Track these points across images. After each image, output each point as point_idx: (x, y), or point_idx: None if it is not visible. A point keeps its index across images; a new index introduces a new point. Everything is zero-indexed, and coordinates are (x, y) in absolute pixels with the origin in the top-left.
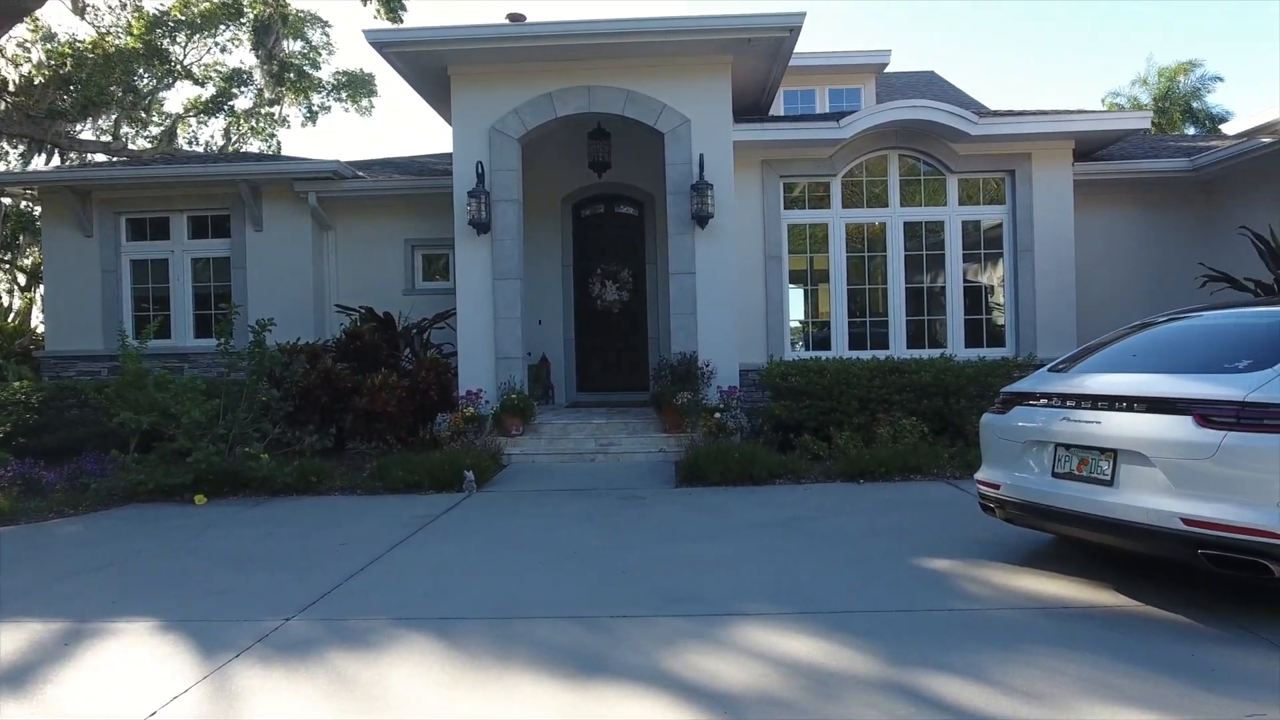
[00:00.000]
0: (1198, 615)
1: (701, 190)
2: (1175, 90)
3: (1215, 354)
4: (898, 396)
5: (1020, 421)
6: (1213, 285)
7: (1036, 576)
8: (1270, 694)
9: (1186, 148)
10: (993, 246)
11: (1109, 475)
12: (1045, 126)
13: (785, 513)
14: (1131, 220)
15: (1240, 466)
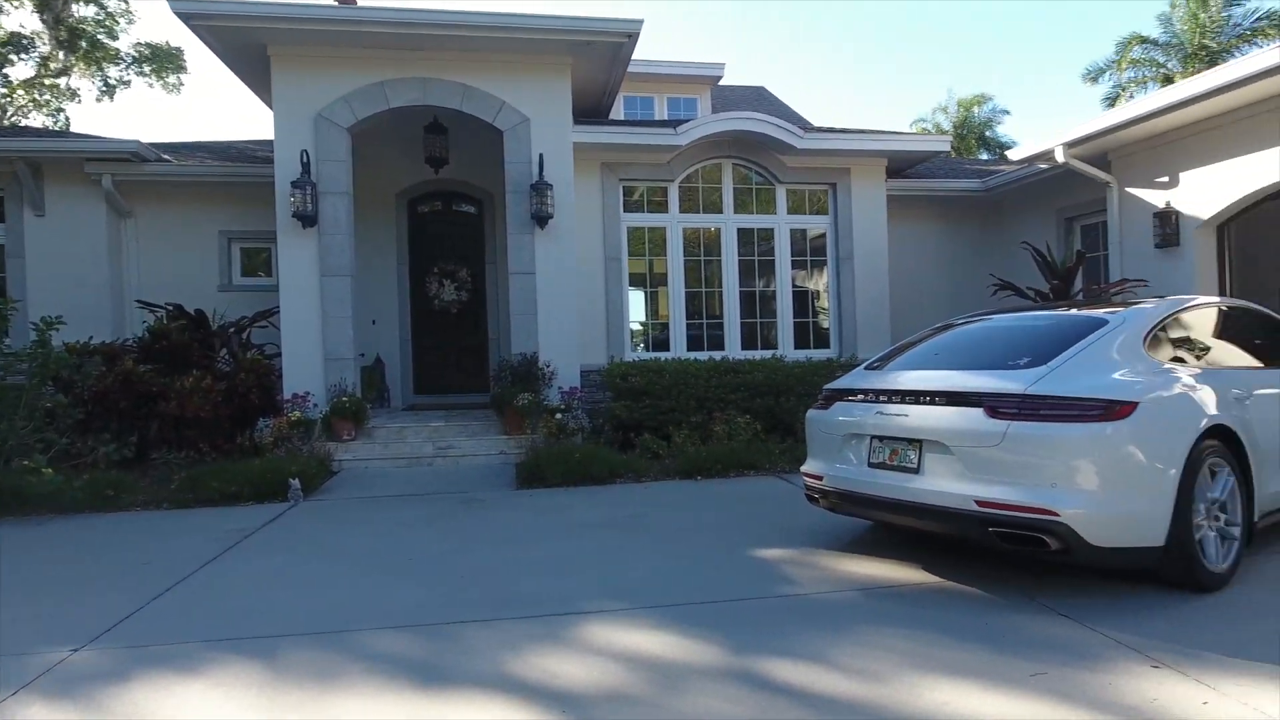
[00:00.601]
0: (992, 588)
1: (541, 190)
2: (972, 119)
3: (1003, 352)
4: (733, 396)
5: (840, 416)
6: (1002, 292)
7: (858, 560)
8: (1050, 654)
9: (979, 170)
10: (818, 254)
11: (916, 464)
12: (863, 144)
13: (626, 511)
14: (934, 233)
15: (1022, 452)
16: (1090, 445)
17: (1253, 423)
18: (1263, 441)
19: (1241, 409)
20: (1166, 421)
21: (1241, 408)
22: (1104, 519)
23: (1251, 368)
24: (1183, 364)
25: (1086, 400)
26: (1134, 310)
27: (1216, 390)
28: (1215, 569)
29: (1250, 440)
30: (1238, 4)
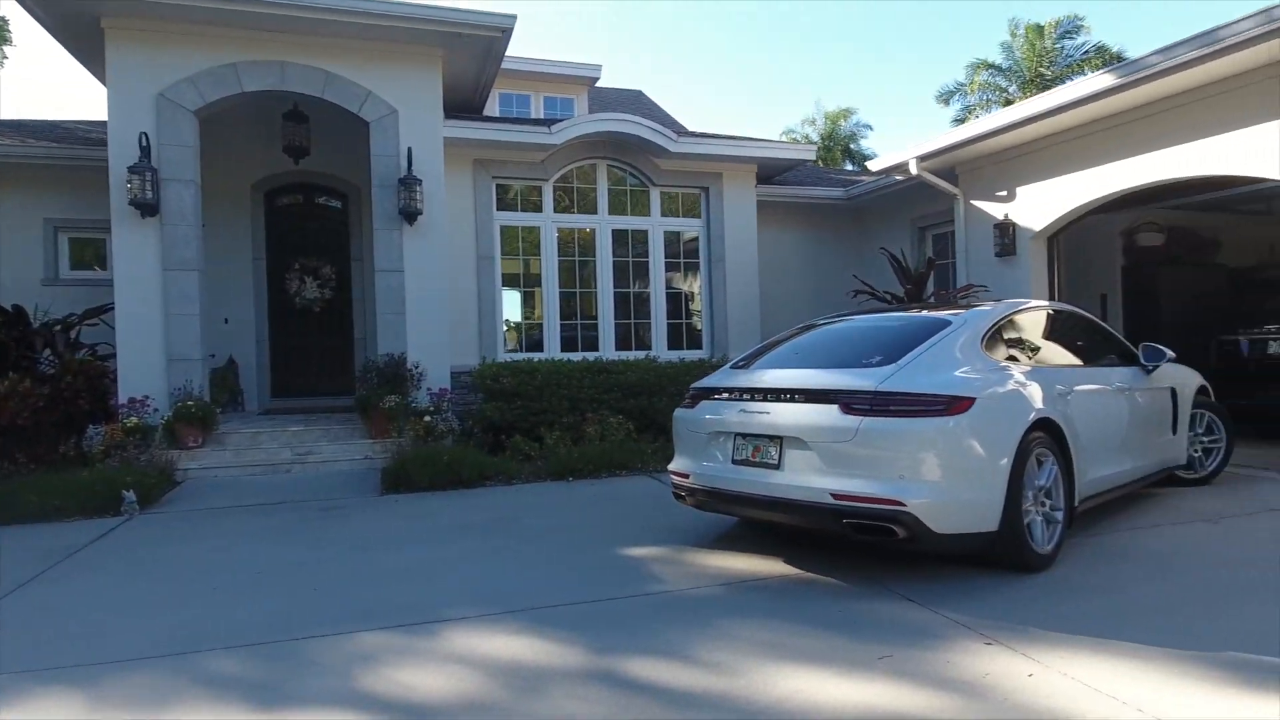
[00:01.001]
0: (849, 577)
1: (410, 185)
2: (838, 132)
3: (858, 351)
4: (606, 396)
5: (706, 415)
6: (861, 295)
7: (724, 556)
8: (897, 637)
9: (843, 180)
10: (691, 256)
11: (776, 460)
12: (734, 150)
13: (494, 514)
14: (801, 238)
15: (873, 446)
16: (934, 438)
17: (1074, 416)
18: (1082, 433)
19: (1064, 404)
20: (1000, 415)
21: (1064, 402)
22: (945, 507)
23: (1073, 365)
24: (1015, 362)
25: (930, 396)
26: (974, 312)
27: (1043, 386)
28: (1041, 551)
29: (1072, 432)
30: (1069, 38)
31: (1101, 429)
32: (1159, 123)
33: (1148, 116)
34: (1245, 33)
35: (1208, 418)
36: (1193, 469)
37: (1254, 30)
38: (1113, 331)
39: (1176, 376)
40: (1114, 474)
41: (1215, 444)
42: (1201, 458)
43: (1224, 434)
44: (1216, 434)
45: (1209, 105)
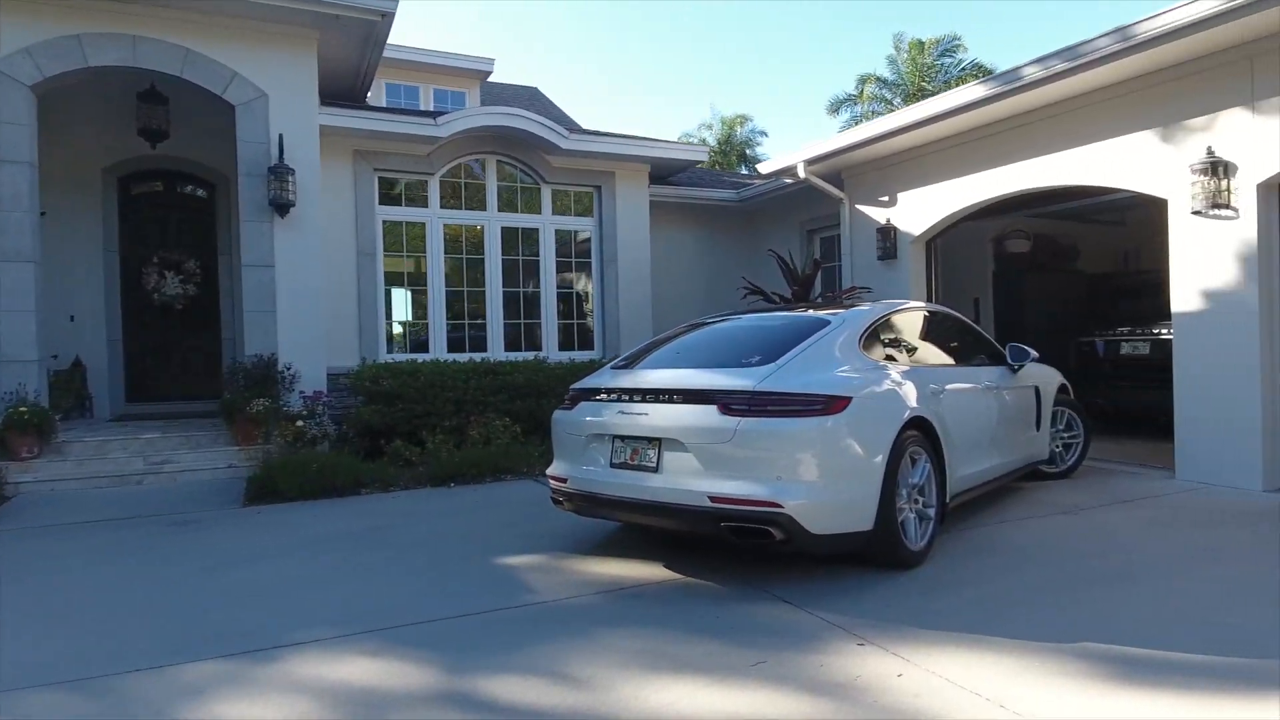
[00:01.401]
0: (729, 581)
1: (281, 174)
2: (734, 138)
3: (739, 351)
4: (493, 398)
5: (585, 416)
6: (751, 296)
7: (604, 562)
8: (773, 641)
9: (736, 183)
10: (583, 256)
11: (655, 462)
12: (627, 149)
13: (366, 523)
14: (694, 239)
15: (751, 447)
16: (811, 438)
17: (946, 414)
18: (954, 431)
19: (937, 402)
20: (876, 415)
21: (937, 401)
22: (822, 508)
23: (947, 365)
24: (892, 361)
25: (808, 396)
26: (852, 312)
27: (918, 385)
28: (914, 548)
29: (944, 430)
30: (949, 55)
31: (972, 427)
32: (1028, 134)
33: (1018, 127)
34: (1104, 49)
35: (1068, 415)
36: (1054, 464)
37: (1112, 46)
38: (982, 332)
39: (1040, 376)
40: (984, 470)
41: (1075, 440)
42: (1062, 453)
43: (1082, 430)
44: (1076, 430)
45: (1074, 118)
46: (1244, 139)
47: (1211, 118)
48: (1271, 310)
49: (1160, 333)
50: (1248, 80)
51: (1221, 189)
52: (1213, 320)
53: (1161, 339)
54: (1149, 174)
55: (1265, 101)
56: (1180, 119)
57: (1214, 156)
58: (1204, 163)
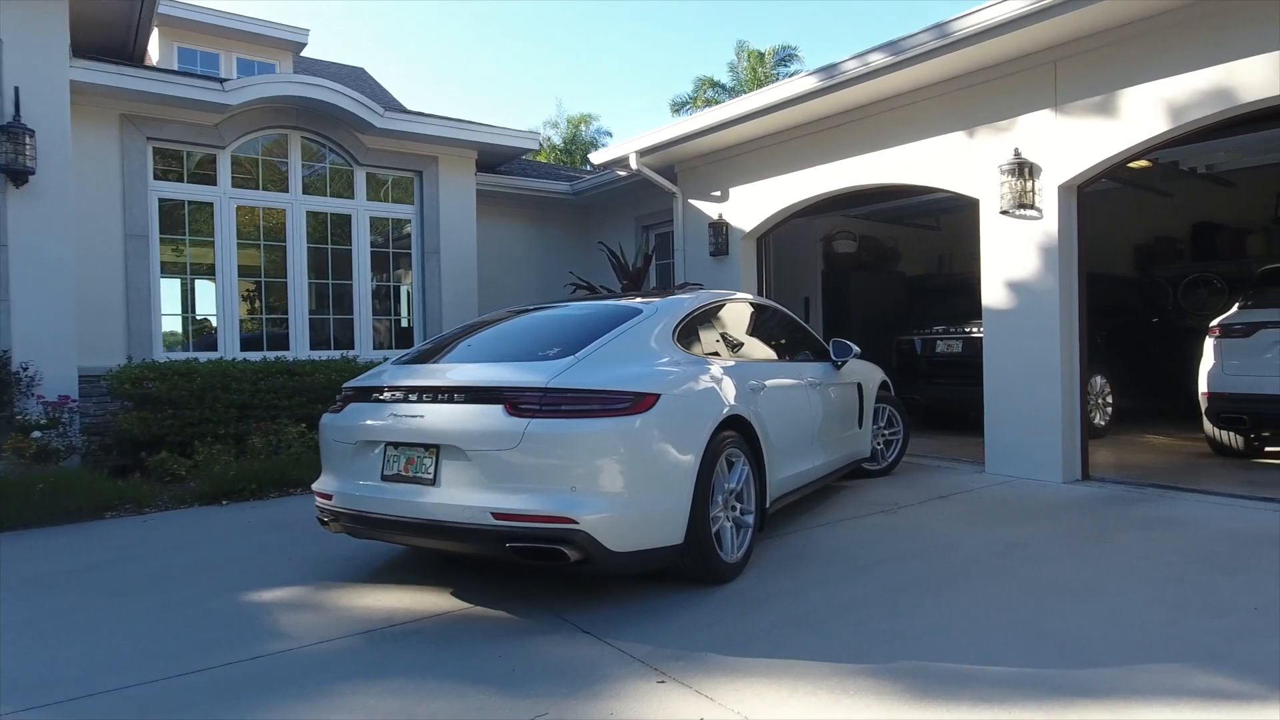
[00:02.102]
0: (524, 609)
1: (17, 135)
2: (580, 137)
3: (537, 343)
4: (288, 402)
5: (355, 420)
6: (581, 291)
7: (381, 591)
8: (561, 684)
9: (570, 175)
10: (403, 246)
11: (432, 474)
12: (451, 132)
13: (90, 558)
14: (527, 232)
15: (541, 454)
16: (612, 442)
17: (767, 412)
18: (775, 431)
19: (757, 400)
20: (689, 413)
21: (757, 398)
22: (625, 521)
23: (769, 360)
24: (709, 355)
25: (610, 393)
26: (668, 301)
27: (737, 381)
28: (730, 560)
29: (764, 430)
30: (785, 65)
31: (794, 425)
32: (855, 131)
33: (845, 124)
34: (923, 45)
35: (888, 411)
36: (876, 461)
37: (930, 43)
38: (806, 327)
39: (863, 372)
40: (806, 470)
41: (895, 436)
42: (883, 450)
43: (902, 426)
44: (896, 427)
45: (897, 117)
46: (1048, 141)
47: (1019, 120)
48: (1070, 309)
49: (971, 331)
50: (1051, 84)
51: (1027, 190)
52: (1019, 318)
53: (972, 337)
54: (964, 174)
55: (1067, 105)
56: (992, 120)
57: (1020, 158)
58: (1011, 164)
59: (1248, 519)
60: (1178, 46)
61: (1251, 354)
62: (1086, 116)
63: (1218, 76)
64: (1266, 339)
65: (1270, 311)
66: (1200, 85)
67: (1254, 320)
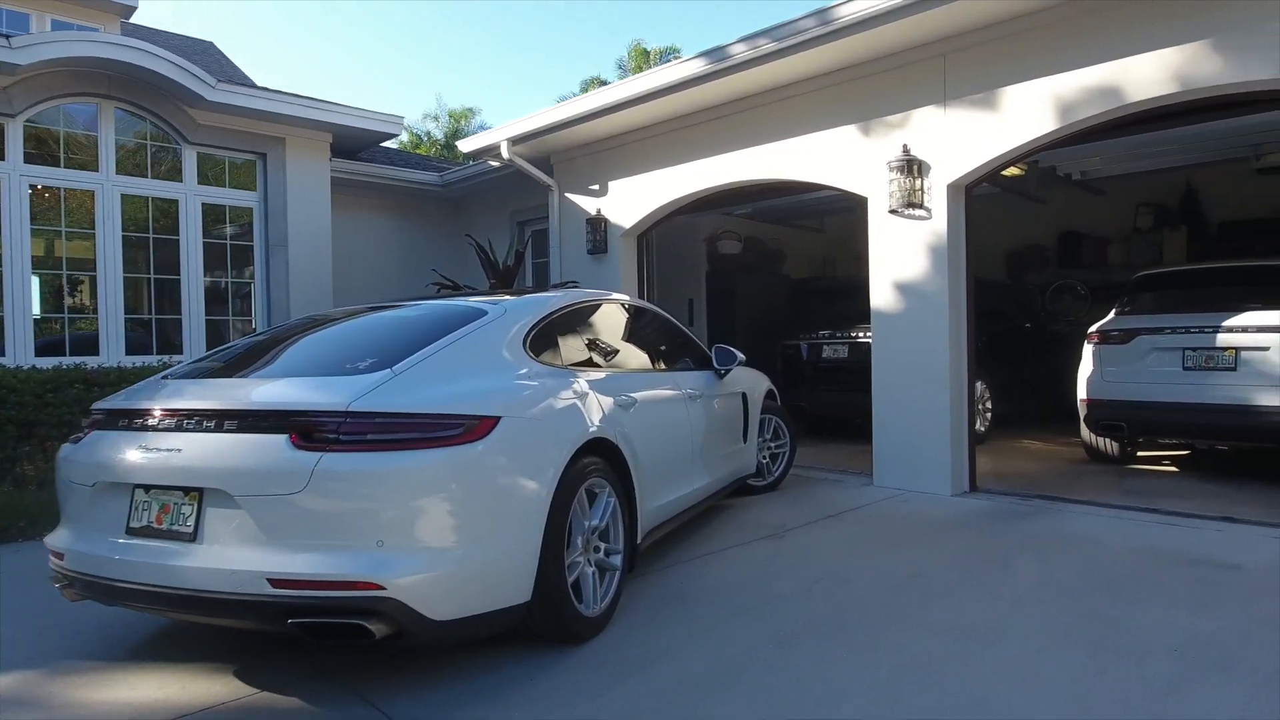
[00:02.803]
0: (319, 692)
1: None
2: (463, 131)
3: (353, 351)
4: None
5: (97, 454)
6: (446, 291)
7: (142, 675)
8: None
9: (441, 166)
10: (243, 238)
11: (192, 527)
12: (301, 110)
13: None
14: (394, 226)
15: (338, 499)
16: (435, 480)
17: (639, 432)
18: (648, 453)
19: (628, 417)
20: (540, 438)
21: (627, 416)
22: (452, 582)
23: (644, 370)
24: (571, 366)
25: (433, 416)
26: (522, 301)
27: (603, 397)
28: (592, 613)
29: (635, 453)
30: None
31: (672, 445)
32: (741, 123)
33: (732, 115)
34: (807, 31)
35: (775, 422)
36: (762, 476)
37: (814, 29)
38: (687, 332)
39: (748, 381)
40: (685, 495)
41: (781, 449)
42: (769, 464)
43: (789, 438)
44: (782, 439)
45: (786, 109)
46: (937, 138)
47: (908, 115)
48: (959, 312)
49: (857, 336)
50: (940, 79)
51: (916, 188)
52: (907, 322)
53: (859, 342)
54: (853, 171)
55: (955, 101)
56: (882, 115)
57: (909, 155)
58: (900, 161)
59: (1138, 534)
60: (1068, 43)
61: (1130, 361)
62: (975, 113)
63: (1108, 74)
64: (1144, 345)
65: (1147, 318)
66: (1090, 83)
67: (1132, 327)
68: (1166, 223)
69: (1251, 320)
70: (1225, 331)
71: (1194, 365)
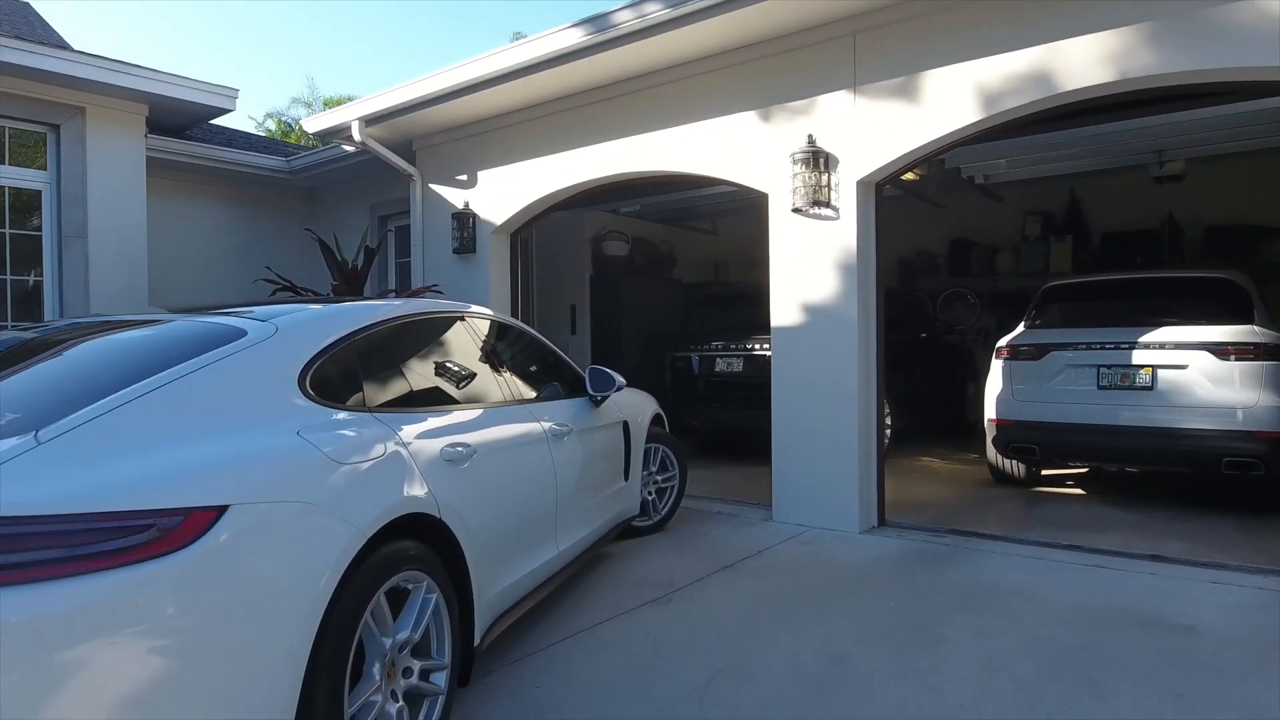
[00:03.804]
0: None
1: None
2: None
3: (7, 399)
4: None
5: None
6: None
7: None
8: None
9: (291, 150)
10: (26, 226)
11: None
12: (104, 75)
13: None
14: (236, 218)
15: None
16: (92, 625)
17: (479, 493)
18: (492, 519)
19: (460, 476)
20: (301, 530)
21: (461, 474)
22: None
23: (497, 405)
24: (376, 409)
25: (94, 517)
26: (303, 317)
27: (425, 450)
28: None
29: (471, 523)
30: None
31: (527, 502)
32: (630, 106)
33: (617, 98)
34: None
35: (662, 452)
36: (647, 515)
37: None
38: (558, 351)
39: (630, 407)
40: (548, 562)
41: (669, 482)
42: (655, 500)
43: (678, 469)
44: (671, 471)
45: (680, 91)
46: (847, 129)
47: (815, 101)
48: (869, 325)
49: (754, 348)
50: (850, 61)
51: (822, 184)
52: (811, 338)
53: (756, 355)
54: (752, 164)
55: (866, 87)
56: (784, 100)
57: (815, 146)
58: (805, 153)
59: (1071, 583)
60: (995, 21)
61: (1042, 378)
62: (890, 101)
63: (1038, 59)
64: (1057, 362)
65: (1060, 332)
66: (1018, 69)
67: (1043, 342)
68: (1053, 232)
69: (1169, 336)
70: (1142, 349)
71: (1109, 384)
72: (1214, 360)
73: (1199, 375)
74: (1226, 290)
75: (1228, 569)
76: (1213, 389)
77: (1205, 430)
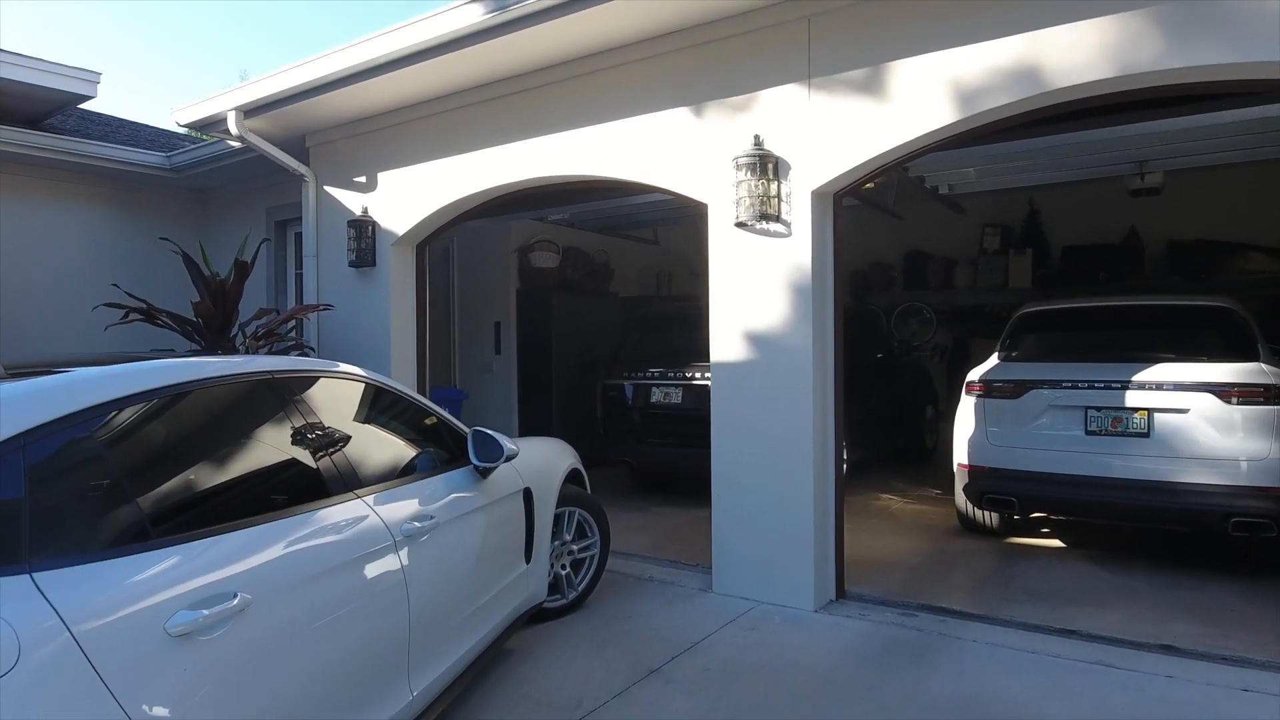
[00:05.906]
0: None
1: None
2: None
3: None
4: None
5: None
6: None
7: None
8: None
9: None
10: None
11: None
12: None
13: None
14: (110, 223)
15: None
16: None
17: (244, 671)
18: (267, 700)
19: (213, 651)
20: None
21: (214, 647)
22: None
23: (309, 506)
24: (42, 559)
25: None
26: None
27: (132, 623)
28: None
29: None
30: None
31: (349, 650)
32: (548, 98)
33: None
34: None
35: (579, 516)
36: (560, 593)
37: None
38: (434, 411)
39: (534, 467)
40: (410, 702)
41: (588, 552)
42: (571, 574)
43: (598, 536)
44: (590, 537)
45: (605, 81)
46: (799, 129)
47: (762, 97)
48: (824, 364)
49: (695, 376)
50: (804, 50)
51: (771, 194)
52: (759, 376)
53: (696, 385)
54: (689, 169)
55: (821, 80)
56: (726, 95)
57: (762, 148)
58: (751, 156)
59: (1079, 696)
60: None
61: (1022, 420)
62: (852, 97)
63: (1022, 49)
64: (1039, 401)
65: (1041, 366)
66: (1000, 61)
67: (1022, 378)
68: (1012, 245)
69: (1167, 375)
70: (1136, 389)
71: (1099, 429)
72: (1218, 403)
73: (1201, 421)
74: (1226, 321)
75: (1252, 666)
76: (1217, 437)
77: (1209, 486)
